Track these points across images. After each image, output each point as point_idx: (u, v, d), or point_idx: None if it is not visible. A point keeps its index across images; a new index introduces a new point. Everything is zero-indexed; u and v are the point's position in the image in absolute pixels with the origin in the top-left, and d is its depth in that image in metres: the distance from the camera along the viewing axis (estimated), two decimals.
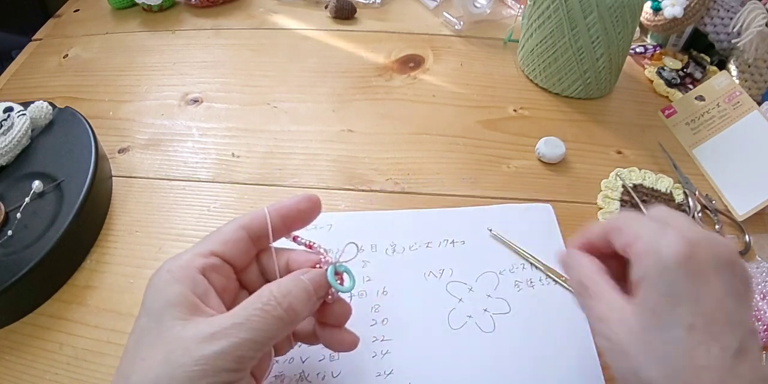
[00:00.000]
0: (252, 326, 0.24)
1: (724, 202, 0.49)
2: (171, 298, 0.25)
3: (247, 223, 0.29)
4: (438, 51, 0.64)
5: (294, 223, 0.31)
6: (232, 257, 0.29)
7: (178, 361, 0.23)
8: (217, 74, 0.61)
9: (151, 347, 0.24)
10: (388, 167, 0.51)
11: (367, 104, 0.57)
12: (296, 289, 0.26)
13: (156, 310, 0.25)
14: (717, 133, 0.52)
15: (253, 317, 0.24)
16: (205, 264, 0.27)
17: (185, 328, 0.24)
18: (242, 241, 0.29)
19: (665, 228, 0.26)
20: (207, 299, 0.26)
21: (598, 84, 0.56)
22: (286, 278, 0.28)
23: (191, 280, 0.26)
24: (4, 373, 0.38)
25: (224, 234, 0.29)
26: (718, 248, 0.26)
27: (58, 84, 0.60)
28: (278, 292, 0.26)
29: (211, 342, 0.23)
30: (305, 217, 0.31)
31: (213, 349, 0.23)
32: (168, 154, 0.52)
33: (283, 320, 0.25)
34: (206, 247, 0.28)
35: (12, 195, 0.44)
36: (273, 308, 0.25)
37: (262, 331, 0.24)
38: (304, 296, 0.27)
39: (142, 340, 0.25)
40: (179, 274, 0.26)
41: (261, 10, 0.70)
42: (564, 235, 0.45)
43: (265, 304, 0.25)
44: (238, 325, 0.24)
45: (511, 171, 0.51)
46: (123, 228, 0.46)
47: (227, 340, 0.23)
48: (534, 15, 0.54)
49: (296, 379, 0.36)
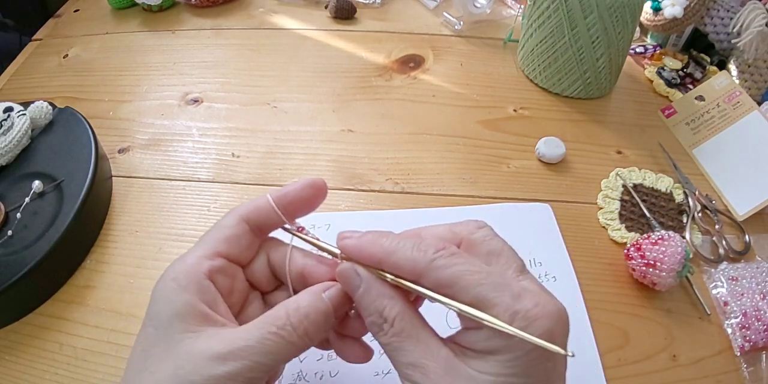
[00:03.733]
0: (265, 350, 0.23)
1: (724, 202, 0.49)
2: (179, 308, 0.24)
3: (248, 214, 0.28)
4: (438, 51, 0.64)
5: (296, 211, 0.29)
6: (237, 254, 0.28)
7: (187, 378, 0.22)
8: (217, 74, 0.61)
9: (160, 361, 0.23)
10: (388, 167, 0.51)
11: (367, 104, 0.57)
12: (315, 313, 0.25)
13: (163, 321, 0.24)
14: (717, 133, 0.52)
15: (266, 341, 0.23)
16: (211, 267, 0.26)
17: (196, 342, 0.23)
18: (245, 235, 0.28)
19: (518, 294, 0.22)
20: (216, 306, 0.25)
21: (598, 84, 0.56)
22: (305, 297, 0.25)
23: (199, 288, 0.25)
24: (4, 373, 0.38)
25: (226, 230, 0.27)
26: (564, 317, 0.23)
27: (58, 84, 0.60)
28: (295, 317, 0.24)
29: (222, 362, 0.23)
30: (309, 205, 0.29)
31: (224, 369, 0.22)
32: (168, 154, 0.52)
33: (297, 346, 0.24)
34: (210, 247, 0.27)
35: (12, 195, 0.44)
36: (288, 334, 0.24)
37: (275, 355, 0.23)
38: (321, 320, 0.25)
39: (150, 352, 0.24)
40: (185, 281, 0.25)
41: (261, 10, 0.70)
42: (564, 235, 0.45)
43: (280, 329, 0.24)
44: (251, 347, 0.23)
45: (511, 171, 0.51)
46: (123, 228, 0.46)
47: (239, 362, 0.23)
48: (534, 15, 0.54)
49: (294, 379, 0.36)
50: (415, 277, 0.24)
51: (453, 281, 0.23)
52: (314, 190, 0.28)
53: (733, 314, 0.41)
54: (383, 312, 0.24)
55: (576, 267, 0.43)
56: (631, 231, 0.46)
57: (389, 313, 0.24)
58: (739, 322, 0.40)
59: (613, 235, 0.46)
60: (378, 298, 0.25)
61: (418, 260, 0.24)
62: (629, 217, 0.47)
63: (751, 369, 0.38)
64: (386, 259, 0.25)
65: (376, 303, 0.25)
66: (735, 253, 0.45)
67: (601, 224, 0.47)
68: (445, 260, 0.23)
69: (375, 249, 0.25)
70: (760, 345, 0.39)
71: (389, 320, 0.24)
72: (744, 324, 0.40)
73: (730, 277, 0.43)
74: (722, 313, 0.41)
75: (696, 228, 0.46)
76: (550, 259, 0.43)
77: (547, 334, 0.22)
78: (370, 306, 0.25)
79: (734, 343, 0.40)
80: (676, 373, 0.38)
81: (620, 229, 0.46)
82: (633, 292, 0.42)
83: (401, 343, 0.24)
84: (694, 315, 0.41)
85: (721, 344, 0.40)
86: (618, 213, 0.47)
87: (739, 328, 0.40)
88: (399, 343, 0.24)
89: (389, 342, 0.24)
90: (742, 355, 0.39)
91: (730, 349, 0.40)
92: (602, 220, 0.47)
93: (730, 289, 0.42)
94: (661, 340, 0.40)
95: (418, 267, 0.24)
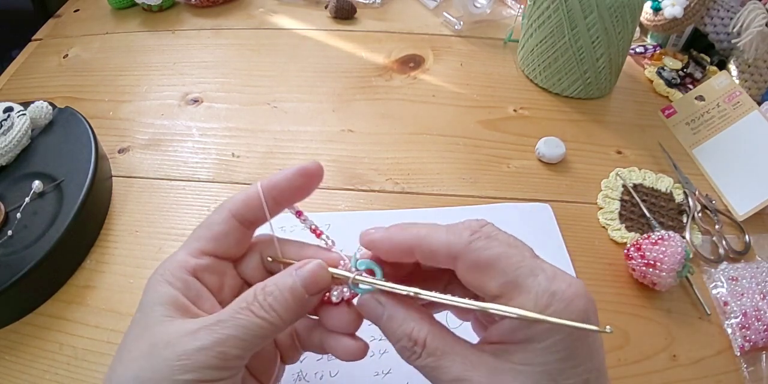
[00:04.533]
0: (236, 323, 0.23)
1: (724, 202, 0.49)
2: (162, 297, 0.25)
3: (238, 209, 0.27)
4: (438, 51, 0.64)
5: (289, 199, 0.28)
6: (226, 251, 0.28)
7: (161, 355, 0.23)
8: (217, 74, 0.61)
9: (137, 340, 0.24)
10: (388, 167, 0.51)
11: (367, 104, 0.57)
12: (281, 289, 0.25)
13: (146, 307, 0.25)
14: (717, 133, 0.52)
15: (237, 315, 0.24)
16: (196, 266, 0.26)
17: (172, 325, 0.24)
18: (233, 231, 0.27)
19: (552, 276, 0.23)
20: (199, 302, 0.26)
21: (598, 84, 0.56)
22: (278, 275, 0.26)
23: (183, 284, 0.26)
24: (4, 373, 0.38)
25: (214, 226, 0.27)
26: (590, 295, 0.23)
27: (58, 84, 0.60)
28: (262, 292, 0.25)
29: (194, 337, 0.23)
30: (302, 192, 0.28)
31: (195, 343, 0.23)
32: (168, 154, 0.52)
33: (270, 322, 0.24)
34: (196, 246, 0.27)
35: (12, 195, 0.44)
36: (257, 308, 0.24)
37: (246, 329, 0.23)
38: (288, 296, 0.25)
39: (131, 332, 0.25)
40: (170, 277, 0.26)
41: (261, 10, 0.70)
42: (564, 235, 0.45)
43: (250, 304, 0.24)
44: (222, 321, 0.23)
45: (511, 171, 0.51)
46: (123, 228, 0.46)
47: (210, 336, 0.23)
48: (534, 15, 0.54)
49: (294, 379, 0.36)
50: (450, 260, 0.24)
51: (491, 263, 0.23)
52: (306, 177, 0.27)
53: (733, 314, 0.41)
54: (411, 334, 0.24)
55: (576, 267, 0.43)
56: (631, 231, 0.46)
57: (418, 334, 0.24)
58: (739, 322, 0.40)
59: (613, 235, 0.46)
60: (404, 322, 0.25)
61: (453, 242, 0.24)
62: (629, 217, 0.47)
63: (751, 369, 0.38)
64: (419, 244, 0.25)
65: (403, 327, 0.24)
66: (735, 253, 0.45)
67: (601, 224, 0.47)
68: (483, 242, 0.24)
69: (406, 236, 0.25)
70: (760, 345, 0.39)
71: (420, 342, 0.24)
72: (744, 324, 0.40)
73: (730, 277, 0.43)
74: (722, 313, 0.41)
75: (696, 228, 0.46)
76: (550, 259, 0.42)
77: (584, 313, 0.22)
78: (397, 331, 0.25)
79: (734, 343, 0.40)
80: (676, 373, 0.38)
81: (620, 229, 0.46)
82: (633, 292, 0.42)
83: (438, 362, 0.24)
84: (694, 315, 0.41)
85: (721, 344, 0.40)
86: (618, 213, 0.47)
87: (739, 328, 0.40)
88: (436, 362, 0.24)
89: (425, 364, 0.24)
90: (742, 355, 0.39)
91: (730, 349, 0.40)
92: (602, 220, 0.47)
93: (730, 289, 0.42)
94: (661, 340, 0.40)
95: (455, 249, 0.24)
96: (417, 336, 0.24)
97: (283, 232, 0.43)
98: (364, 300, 0.26)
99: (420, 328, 0.24)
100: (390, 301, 0.25)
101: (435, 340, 0.24)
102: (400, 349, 0.25)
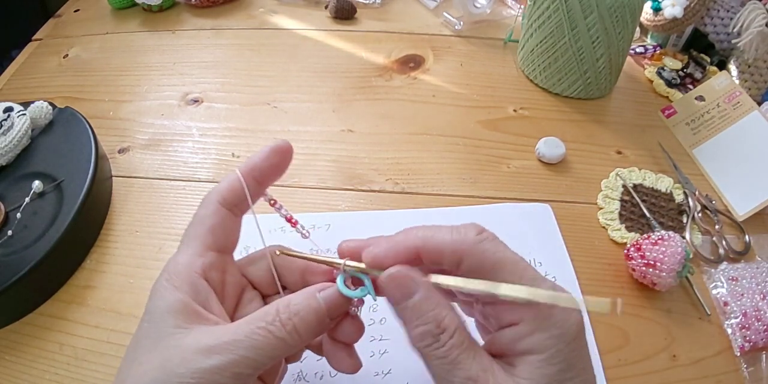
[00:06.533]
0: (252, 345, 0.23)
1: (724, 202, 0.49)
2: (172, 304, 0.24)
3: (224, 196, 0.27)
4: (438, 51, 0.64)
5: (268, 179, 0.28)
6: (224, 241, 0.28)
7: (174, 371, 0.22)
8: (217, 74, 0.61)
9: (149, 352, 0.24)
10: (388, 167, 0.51)
11: (367, 104, 0.57)
12: (306, 310, 0.24)
13: (156, 316, 0.24)
14: (717, 133, 0.52)
15: (254, 336, 0.23)
16: (203, 265, 0.26)
17: (186, 337, 0.23)
18: (225, 220, 0.27)
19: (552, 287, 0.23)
20: (209, 305, 0.26)
21: (598, 84, 0.56)
22: (298, 295, 0.25)
23: (192, 288, 0.25)
24: (4, 373, 0.38)
25: (207, 220, 0.27)
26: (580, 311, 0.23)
27: (58, 84, 0.60)
28: (284, 313, 0.24)
29: (209, 355, 0.22)
30: (279, 170, 0.28)
31: (210, 363, 0.22)
32: (168, 154, 0.52)
33: (287, 343, 0.24)
34: (199, 243, 0.27)
35: (12, 195, 0.44)
36: (277, 329, 0.23)
37: (262, 350, 0.23)
38: (312, 318, 0.24)
39: (141, 343, 0.24)
40: (178, 282, 0.25)
41: (261, 10, 0.70)
42: (564, 235, 0.45)
43: (269, 324, 0.24)
44: (238, 341, 0.23)
45: (510, 171, 0.51)
46: (123, 228, 0.46)
47: (225, 356, 0.22)
48: (534, 15, 0.54)
49: (294, 379, 0.36)
50: (455, 260, 0.24)
51: (497, 267, 0.23)
52: (280, 155, 0.28)
53: (733, 314, 0.41)
54: (444, 321, 0.23)
55: (576, 267, 0.43)
56: (631, 231, 0.46)
57: (449, 323, 0.23)
58: (739, 322, 0.40)
59: (613, 235, 0.46)
60: (438, 307, 0.24)
61: (459, 242, 0.24)
62: (629, 218, 0.47)
63: (751, 369, 0.38)
64: (425, 246, 0.24)
65: (435, 311, 0.23)
66: (735, 253, 0.45)
67: (601, 224, 0.47)
68: (491, 244, 0.24)
69: (411, 240, 0.25)
70: (760, 345, 0.39)
71: (449, 330, 0.23)
72: (744, 324, 0.40)
73: (730, 277, 0.43)
74: (722, 314, 0.41)
75: (696, 228, 0.46)
76: (550, 259, 0.43)
77: (580, 325, 0.23)
78: (428, 314, 0.23)
79: (734, 343, 0.40)
80: (676, 373, 0.38)
81: (620, 229, 0.46)
82: (633, 292, 0.42)
83: (460, 356, 0.23)
84: (694, 315, 0.41)
85: (721, 344, 0.40)
86: (618, 213, 0.47)
87: (739, 328, 0.40)
88: (458, 355, 0.23)
89: (447, 354, 0.23)
90: (742, 355, 0.39)
91: (730, 349, 0.40)
92: (602, 220, 0.47)
93: (730, 290, 0.42)
94: (661, 340, 0.40)
95: (461, 248, 0.23)
96: (448, 324, 0.23)
97: (283, 233, 0.43)
98: (396, 272, 0.24)
99: (452, 318, 0.24)
100: (426, 281, 0.24)
101: (464, 332, 0.24)
102: (422, 334, 0.23)
